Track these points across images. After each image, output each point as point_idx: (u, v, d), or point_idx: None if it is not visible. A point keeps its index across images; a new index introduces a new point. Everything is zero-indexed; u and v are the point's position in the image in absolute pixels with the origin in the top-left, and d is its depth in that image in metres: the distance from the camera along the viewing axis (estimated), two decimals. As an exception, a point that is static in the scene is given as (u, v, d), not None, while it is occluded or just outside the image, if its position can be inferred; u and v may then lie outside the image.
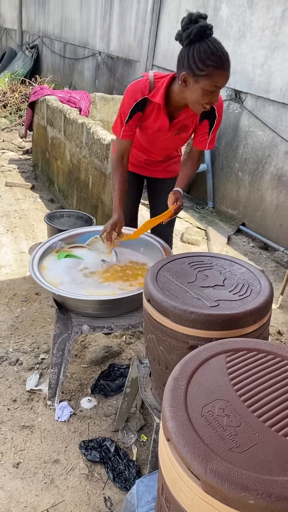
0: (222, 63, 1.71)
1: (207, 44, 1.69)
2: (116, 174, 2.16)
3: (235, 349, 1.07)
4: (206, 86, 1.76)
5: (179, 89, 1.86)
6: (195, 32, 1.68)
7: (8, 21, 11.12)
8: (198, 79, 1.75)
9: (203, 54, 1.69)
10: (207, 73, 1.72)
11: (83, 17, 7.32)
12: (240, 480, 0.77)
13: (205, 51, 1.69)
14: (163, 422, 0.91)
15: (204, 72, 1.72)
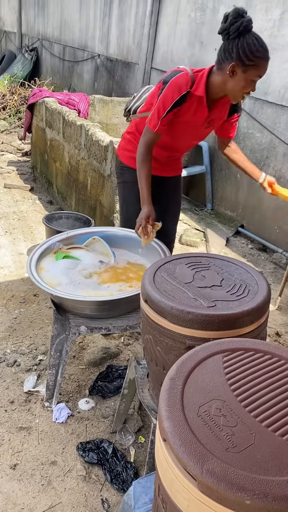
0: (267, 55, 1.87)
1: (254, 37, 1.84)
2: (144, 168, 2.17)
3: (232, 349, 1.06)
4: (253, 75, 1.89)
5: (221, 80, 1.95)
6: (244, 25, 1.82)
7: (7, 24, 11.15)
8: (246, 69, 1.86)
9: (252, 46, 1.83)
10: (255, 63, 1.85)
11: (82, 20, 7.34)
12: (236, 480, 0.77)
13: (254, 43, 1.83)
14: (159, 422, 0.91)
15: (253, 63, 1.85)
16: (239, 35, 1.84)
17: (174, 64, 5.06)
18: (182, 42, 4.90)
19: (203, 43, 4.57)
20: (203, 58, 4.59)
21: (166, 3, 5.13)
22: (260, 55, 1.85)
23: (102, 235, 2.27)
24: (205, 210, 4.72)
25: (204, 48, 4.55)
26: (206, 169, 4.59)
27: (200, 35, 4.61)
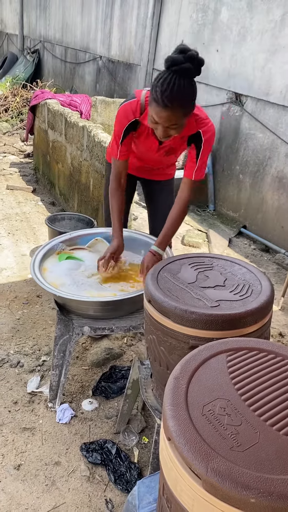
0: (159, 100, 1.66)
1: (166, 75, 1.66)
2: (115, 198, 2.15)
3: (236, 348, 1.06)
4: (150, 113, 1.75)
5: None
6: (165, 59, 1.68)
7: (9, 26, 11.18)
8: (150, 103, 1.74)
9: (156, 81, 1.68)
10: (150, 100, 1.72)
11: (84, 22, 7.36)
12: (241, 478, 0.77)
13: (158, 79, 1.68)
14: (163, 421, 0.91)
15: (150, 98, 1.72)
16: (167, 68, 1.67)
17: (175, 65, 5.06)
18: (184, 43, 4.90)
19: (204, 44, 4.57)
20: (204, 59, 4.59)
21: (168, 4, 5.14)
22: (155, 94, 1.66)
23: (104, 236, 2.27)
24: (208, 211, 4.72)
25: (206, 49, 4.56)
26: (208, 170, 4.59)
27: (201, 36, 4.62)
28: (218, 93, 4.47)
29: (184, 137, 1.99)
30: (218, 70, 4.43)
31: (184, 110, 1.73)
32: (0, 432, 1.97)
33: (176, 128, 1.78)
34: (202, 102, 4.69)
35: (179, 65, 1.63)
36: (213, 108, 4.56)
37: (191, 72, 1.66)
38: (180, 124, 1.77)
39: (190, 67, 1.64)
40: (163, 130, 1.78)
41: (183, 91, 1.67)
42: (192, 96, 1.73)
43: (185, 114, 1.75)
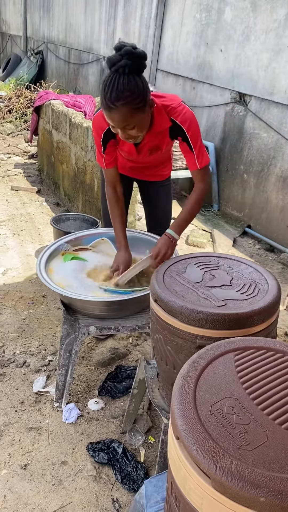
0: (104, 104, 1.67)
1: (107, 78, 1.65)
2: (114, 210, 2.11)
3: (244, 347, 1.07)
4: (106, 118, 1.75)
5: None
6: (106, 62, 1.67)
7: (13, 27, 11.21)
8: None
9: (101, 86, 1.68)
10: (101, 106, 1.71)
11: (88, 23, 7.37)
12: (250, 477, 0.77)
13: (102, 84, 1.67)
14: (172, 420, 0.91)
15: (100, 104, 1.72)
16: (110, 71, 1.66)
17: (179, 65, 5.07)
18: (188, 43, 4.90)
19: (208, 44, 4.57)
20: (208, 59, 4.60)
21: (171, 4, 5.14)
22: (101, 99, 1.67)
23: (109, 236, 2.27)
24: (212, 210, 4.72)
25: (210, 49, 4.56)
26: (212, 169, 4.59)
27: (205, 36, 4.62)
28: (222, 93, 4.47)
29: (162, 132, 1.93)
30: (222, 70, 4.42)
31: (131, 107, 1.67)
32: (7, 432, 1.97)
33: (134, 127, 1.74)
34: (206, 103, 4.69)
35: (116, 64, 1.62)
36: (217, 108, 4.56)
37: (130, 68, 1.62)
38: (136, 122, 1.73)
39: (127, 63, 1.61)
40: (122, 132, 1.76)
41: (125, 89, 1.63)
42: (138, 91, 1.66)
43: (135, 111, 1.69)
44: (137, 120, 1.73)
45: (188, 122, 1.89)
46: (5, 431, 1.98)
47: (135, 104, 1.67)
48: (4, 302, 2.90)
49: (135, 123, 1.73)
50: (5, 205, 4.47)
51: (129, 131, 1.76)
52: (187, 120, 1.89)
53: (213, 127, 4.66)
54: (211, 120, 4.67)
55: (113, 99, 1.63)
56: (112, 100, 1.64)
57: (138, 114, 1.71)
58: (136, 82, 1.65)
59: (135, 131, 1.76)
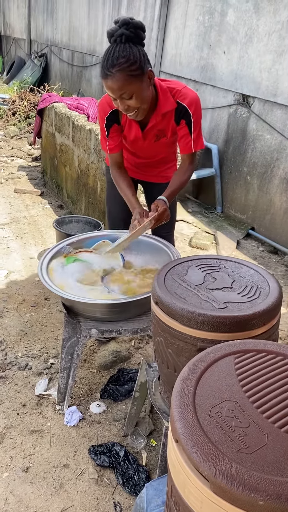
0: (102, 72, 1.71)
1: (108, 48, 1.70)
2: (120, 183, 2.13)
3: (244, 350, 1.06)
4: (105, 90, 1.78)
5: None
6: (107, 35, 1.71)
7: (17, 31, 11.27)
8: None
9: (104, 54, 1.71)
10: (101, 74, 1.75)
11: (91, 26, 7.40)
12: (249, 481, 0.76)
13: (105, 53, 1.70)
14: (171, 423, 0.91)
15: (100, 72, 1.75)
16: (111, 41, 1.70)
17: (182, 67, 5.07)
18: (191, 45, 4.91)
19: (211, 46, 4.57)
20: (211, 61, 4.60)
21: (174, 7, 5.15)
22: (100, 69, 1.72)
23: (111, 238, 2.27)
24: (215, 212, 4.71)
25: (213, 51, 4.56)
26: (215, 171, 4.58)
27: (208, 38, 4.62)
28: (225, 95, 4.47)
29: (167, 114, 1.94)
30: (225, 72, 4.42)
31: (127, 73, 1.68)
32: (9, 435, 1.97)
33: (131, 96, 1.75)
34: (209, 105, 4.69)
35: (114, 34, 1.66)
36: (220, 110, 4.56)
37: (127, 37, 1.66)
38: (133, 90, 1.73)
39: (123, 32, 1.65)
40: (121, 103, 1.77)
41: (120, 55, 1.66)
42: (133, 58, 1.68)
43: (131, 78, 1.70)
44: (134, 88, 1.73)
45: (195, 105, 1.93)
46: (7, 434, 1.98)
47: (131, 71, 1.69)
48: (6, 304, 2.91)
49: (133, 91, 1.73)
50: (8, 208, 4.48)
51: (127, 101, 1.76)
52: (193, 103, 1.92)
53: (216, 129, 4.66)
54: (214, 122, 4.67)
55: (108, 66, 1.67)
56: (107, 67, 1.67)
57: (134, 82, 1.72)
58: (131, 49, 1.68)
59: (133, 101, 1.76)
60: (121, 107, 1.79)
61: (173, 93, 1.92)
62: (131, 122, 1.98)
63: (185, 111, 1.93)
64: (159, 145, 2.12)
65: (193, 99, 1.93)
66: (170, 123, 2.00)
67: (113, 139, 2.03)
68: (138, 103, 1.78)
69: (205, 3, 4.60)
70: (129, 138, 2.07)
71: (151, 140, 2.06)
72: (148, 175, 2.35)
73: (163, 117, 1.95)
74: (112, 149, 2.06)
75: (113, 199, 2.42)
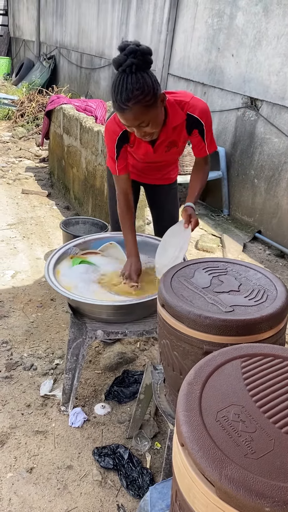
0: (116, 106, 1.69)
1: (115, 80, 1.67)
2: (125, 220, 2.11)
3: (251, 354, 1.05)
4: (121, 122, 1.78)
5: None
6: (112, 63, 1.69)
7: (26, 33, 11.33)
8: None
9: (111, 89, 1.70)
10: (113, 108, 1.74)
11: (100, 28, 7.42)
12: (255, 487, 0.76)
13: (111, 86, 1.69)
14: (177, 426, 0.90)
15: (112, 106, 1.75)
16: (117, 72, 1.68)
17: (190, 70, 5.07)
18: (199, 48, 4.91)
19: (220, 49, 4.57)
20: (220, 64, 4.59)
21: (183, 10, 5.16)
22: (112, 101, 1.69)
23: (117, 240, 2.27)
24: (222, 215, 4.70)
25: (221, 54, 4.55)
26: (222, 174, 4.57)
27: (217, 41, 4.62)
28: (233, 98, 4.46)
29: (178, 127, 1.95)
30: (233, 75, 4.42)
31: (143, 105, 1.68)
32: (13, 435, 1.97)
33: (149, 124, 1.76)
34: (217, 107, 4.68)
35: (122, 64, 1.64)
36: (228, 113, 4.55)
37: (137, 66, 1.64)
38: (150, 118, 1.74)
39: (133, 62, 1.63)
40: (138, 131, 1.78)
41: (134, 88, 1.64)
42: (147, 88, 1.67)
43: (147, 108, 1.70)
44: (150, 116, 1.74)
45: (206, 115, 1.96)
46: (12, 434, 1.98)
47: (146, 102, 1.69)
48: (13, 305, 2.91)
49: (149, 119, 1.75)
50: (16, 208, 4.50)
51: (144, 129, 1.77)
52: (204, 113, 1.95)
53: (224, 132, 4.65)
54: (222, 125, 4.66)
55: (124, 100, 1.65)
56: (123, 101, 1.66)
57: (150, 111, 1.73)
58: (144, 79, 1.67)
59: (150, 128, 1.78)
60: (138, 134, 1.80)
61: (182, 105, 1.92)
62: (140, 141, 1.98)
63: (197, 122, 1.95)
64: (169, 154, 2.13)
65: (203, 109, 1.95)
66: (182, 134, 2.01)
67: (122, 159, 2.03)
68: (154, 128, 1.80)
69: (214, 6, 4.60)
70: (140, 153, 2.07)
71: (162, 152, 2.07)
72: (151, 178, 2.35)
73: (174, 130, 1.96)
74: (121, 169, 2.06)
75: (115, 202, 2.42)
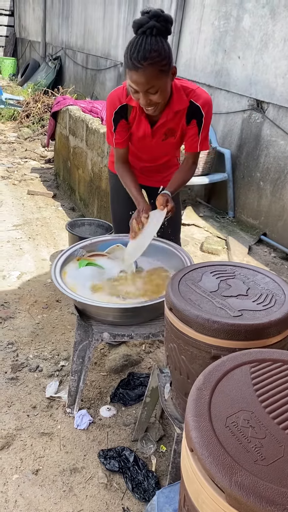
0: (130, 63, 1.66)
1: (133, 40, 1.67)
2: (125, 176, 2.10)
3: (260, 359, 1.05)
4: (127, 83, 1.75)
5: None
6: (133, 25, 1.69)
7: (32, 33, 11.36)
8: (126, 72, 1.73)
9: (126, 49, 1.69)
10: (124, 69, 1.73)
11: (106, 29, 7.43)
12: (266, 493, 0.76)
13: (128, 46, 1.69)
14: (186, 432, 0.90)
15: (125, 66, 1.72)
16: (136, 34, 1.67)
17: (196, 71, 5.07)
18: (205, 50, 4.91)
19: (226, 51, 4.57)
20: (226, 66, 4.59)
21: (190, 12, 5.16)
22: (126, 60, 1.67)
23: (124, 242, 2.27)
24: (227, 217, 4.69)
25: (228, 56, 4.55)
26: (228, 176, 4.57)
27: (223, 43, 4.61)
28: (240, 100, 4.46)
29: (179, 113, 1.94)
30: (239, 77, 4.41)
31: (158, 68, 1.68)
32: (19, 437, 1.98)
33: (157, 91, 1.74)
34: (223, 109, 4.68)
35: (144, 26, 1.64)
36: (234, 115, 4.54)
37: (158, 30, 1.65)
38: (160, 85, 1.73)
39: (155, 25, 1.64)
40: (144, 96, 1.75)
41: (152, 49, 1.65)
42: (164, 53, 1.68)
43: (160, 73, 1.70)
44: (161, 83, 1.73)
45: (207, 107, 1.94)
46: (17, 436, 1.98)
47: (161, 66, 1.69)
48: (18, 305, 2.92)
49: (159, 86, 1.74)
50: (21, 209, 4.51)
51: (151, 96, 1.75)
52: (206, 104, 1.94)
53: (229, 134, 4.64)
54: (228, 127, 4.66)
55: (140, 58, 1.64)
56: (139, 59, 1.64)
57: (162, 77, 1.72)
58: (163, 44, 1.67)
59: (157, 96, 1.76)
60: (143, 101, 1.77)
61: (187, 92, 1.92)
62: (140, 119, 1.97)
63: (198, 111, 1.93)
64: (166, 145, 2.10)
65: (206, 100, 1.94)
66: (181, 122, 1.99)
67: (120, 134, 2.01)
68: (161, 99, 1.79)
69: (221, 8, 4.60)
70: (137, 134, 2.05)
71: (159, 139, 2.05)
72: (153, 180, 2.35)
73: (175, 115, 1.95)
74: (119, 143, 2.04)
75: (116, 204, 2.42)
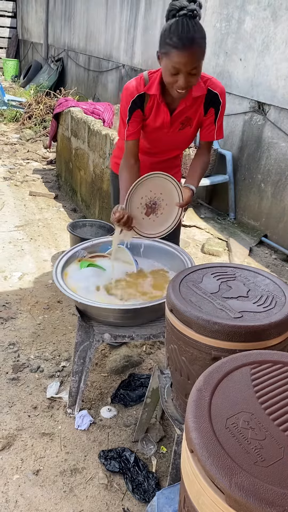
0: (181, 44, 1.67)
1: (176, 21, 1.68)
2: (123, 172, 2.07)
3: (260, 361, 1.05)
4: (168, 65, 1.75)
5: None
6: (168, 10, 1.72)
7: (34, 35, 11.39)
8: (162, 56, 1.76)
9: (167, 31, 1.70)
10: (167, 50, 1.71)
11: (108, 31, 7.45)
12: (266, 495, 0.76)
13: (169, 28, 1.69)
14: (186, 433, 0.90)
15: (165, 50, 1.73)
16: (167, 19, 1.71)
17: (198, 74, 5.08)
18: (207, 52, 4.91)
19: (228, 53, 4.58)
20: (227, 68, 4.60)
21: (192, 14, 5.17)
22: (170, 41, 1.68)
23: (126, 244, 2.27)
24: (228, 219, 4.70)
25: (229, 58, 4.56)
26: (229, 178, 4.57)
27: (225, 45, 4.62)
28: (241, 102, 4.46)
29: (198, 100, 1.96)
30: (241, 79, 4.42)
31: (202, 51, 1.74)
32: (20, 437, 1.98)
33: (196, 73, 1.78)
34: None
35: (185, 8, 1.67)
36: (235, 117, 4.55)
37: (197, 12, 1.70)
38: (200, 67, 1.78)
39: (196, 8, 1.68)
40: (185, 78, 1.76)
41: (198, 31, 1.70)
42: (204, 36, 1.75)
43: (202, 55, 1.76)
44: (200, 65, 1.78)
45: (223, 97, 2.00)
46: (18, 436, 1.99)
47: (204, 48, 1.75)
48: (20, 306, 2.93)
49: (200, 67, 1.79)
50: (23, 210, 4.52)
51: (191, 78, 1.78)
52: (223, 93, 1.99)
53: (231, 136, 4.65)
54: (229, 129, 4.67)
55: (190, 38, 1.67)
56: (189, 39, 1.67)
57: (201, 60, 1.78)
58: (202, 27, 1.74)
59: (195, 79, 1.80)
60: (183, 82, 1.78)
61: (204, 80, 1.95)
62: (159, 107, 1.97)
63: (216, 99, 1.98)
64: (181, 136, 2.10)
65: (223, 89, 2.00)
66: (199, 111, 2.01)
67: (132, 124, 2.01)
68: (196, 80, 1.83)
69: (223, 10, 4.61)
70: (154, 125, 2.04)
71: (176, 128, 2.05)
72: None
73: (194, 102, 1.97)
74: (130, 135, 2.03)
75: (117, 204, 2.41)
